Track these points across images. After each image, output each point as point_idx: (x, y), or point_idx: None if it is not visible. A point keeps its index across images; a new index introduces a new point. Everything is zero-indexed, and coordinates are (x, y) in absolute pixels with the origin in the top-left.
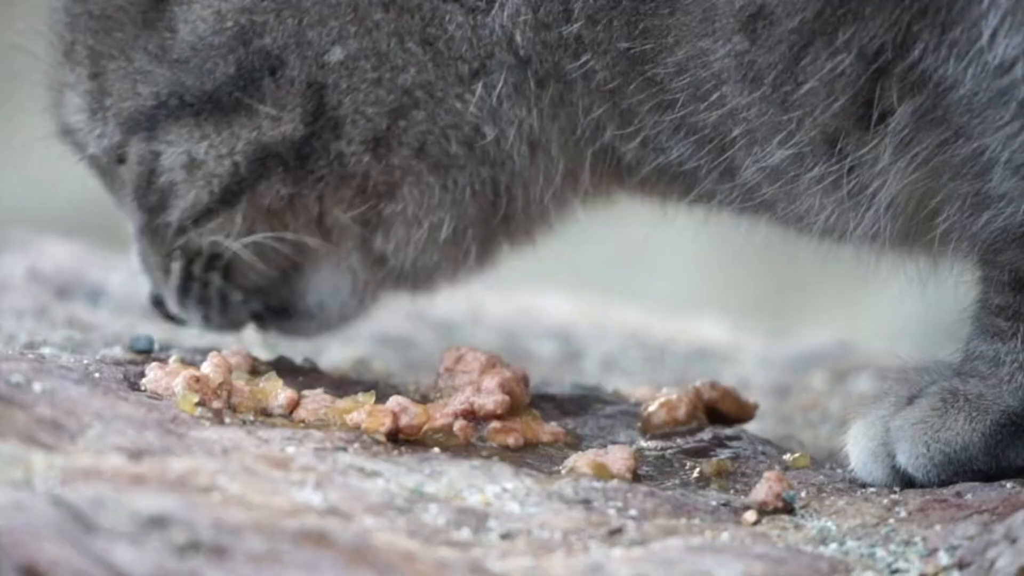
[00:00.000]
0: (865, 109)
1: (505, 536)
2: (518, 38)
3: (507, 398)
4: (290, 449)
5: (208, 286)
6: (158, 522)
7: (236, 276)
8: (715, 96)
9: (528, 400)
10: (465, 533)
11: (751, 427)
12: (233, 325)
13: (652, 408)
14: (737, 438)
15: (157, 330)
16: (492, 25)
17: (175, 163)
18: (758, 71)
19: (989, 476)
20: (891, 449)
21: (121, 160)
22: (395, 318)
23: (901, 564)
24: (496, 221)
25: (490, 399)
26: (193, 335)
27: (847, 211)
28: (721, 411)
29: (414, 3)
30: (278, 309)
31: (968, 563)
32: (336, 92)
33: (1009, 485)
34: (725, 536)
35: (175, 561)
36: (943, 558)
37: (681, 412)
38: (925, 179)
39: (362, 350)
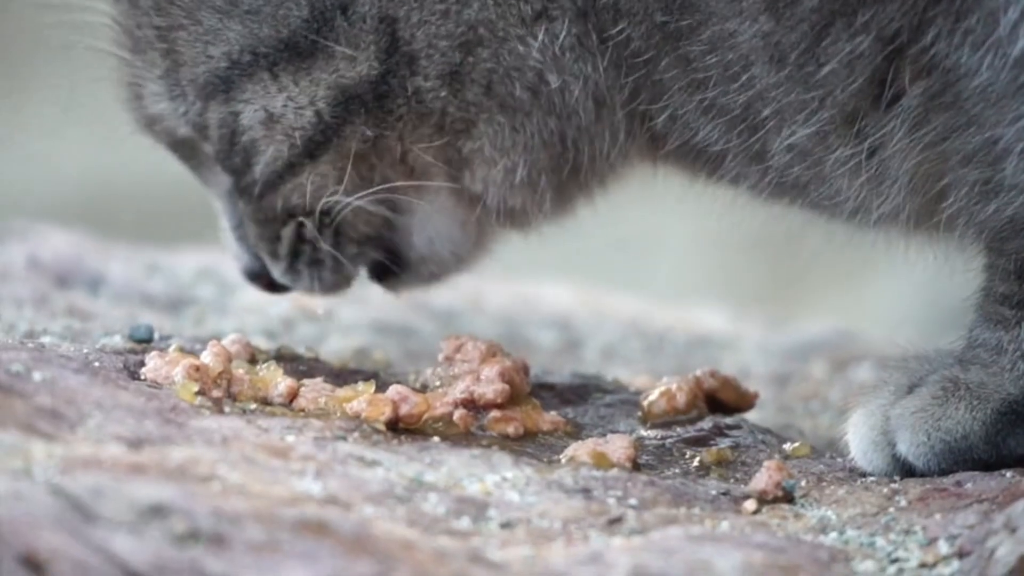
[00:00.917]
0: (880, 89)
1: (505, 525)
2: None
3: (507, 387)
4: (290, 438)
5: (319, 247)
6: (158, 511)
7: (346, 230)
8: (745, 77)
9: (528, 389)
10: (465, 522)
11: (751, 416)
12: (345, 282)
13: (652, 397)
14: (737, 427)
15: (156, 319)
16: None
17: (254, 120)
18: (783, 50)
19: (989, 465)
20: (891, 438)
21: (206, 127)
22: (395, 307)
23: (901, 553)
24: (567, 171)
25: (490, 388)
26: (191, 325)
27: (871, 191)
28: (721, 400)
29: None
30: (390, 259)
31: (968, 552)
32: (408, 25)
33: (1009, 474)
34: (725, 525)
35: (174, 550)
36: (943, 547)
37: (681, 401)
38: (935, 161)
39: (362, 339)
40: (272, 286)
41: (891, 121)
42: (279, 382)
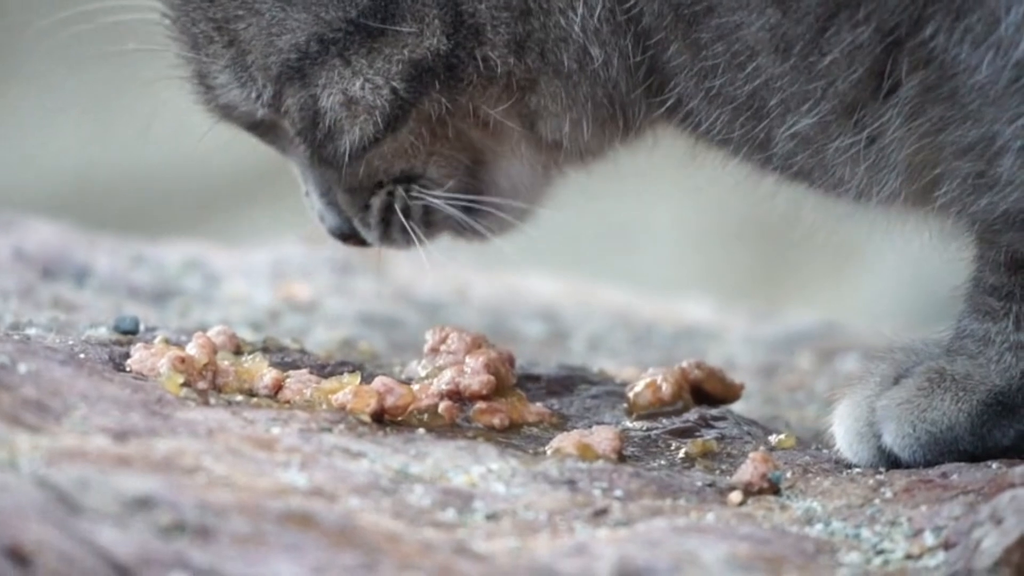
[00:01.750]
0: (879, 80)
1: (490, 517)
2: None
3: (492, 379)
4: (275, 430)
5: (410, 214)
6: (143, 503)
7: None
8: (751, 67)
9: (513, 380)
10: (450, 514)
11: (737, 407)
12: (432, 236)
13: (638, 388)
14: (723, 418)
15: (142, 311)
16: None
17: (334, 103)
18: (789, 42)
19: (975, 456)
20: (877, 429)
21: (284, 110)
22: (380, 298)
23: (886, 544)
24: (621, 126)
25: (475, 380)
26: (176, 316)
27: (871, 179)
28: (707, 391)
29: None
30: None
31: (954, 544)
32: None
33: (995, 465)
34: (710, 517)
35: (160, 542)
36: (928, 538)
37: (666, 392)
38: (930, 151)
39: (347, 331)
40: (362, 242)
41: (889, 111)
42: (264, 374)
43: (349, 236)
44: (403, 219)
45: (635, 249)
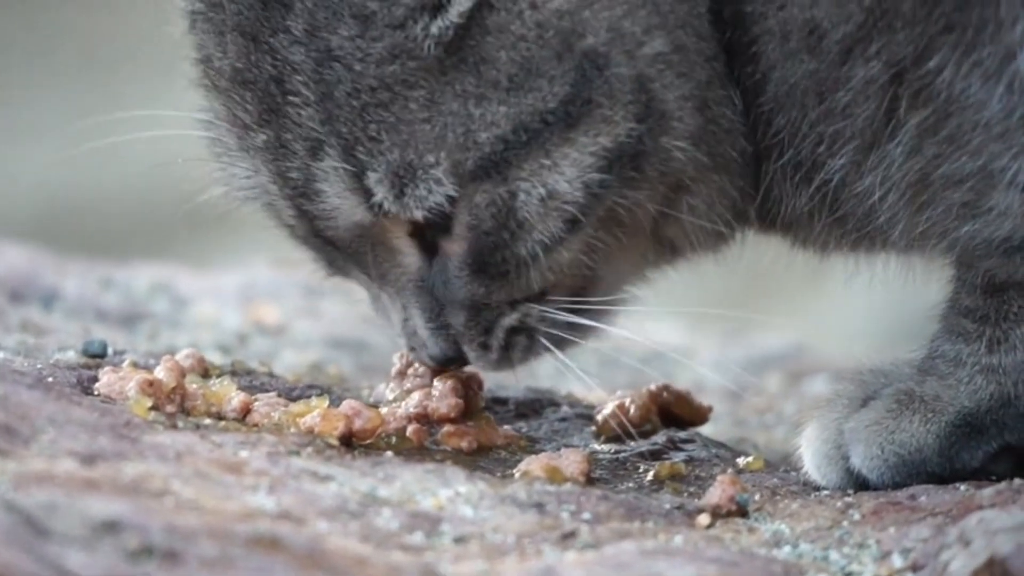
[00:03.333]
0: (886, 117)
1: (458, 540)
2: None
3: (460, 402)
4: (243, 453)
5: (534, 333)
6: (111, 527)
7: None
8: (806, 125)
9: (482, 404)
10: (418, 537)
11: (705, 430)
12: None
13: (606, 411)
14: (691, 441)
15: (110, 334)
16: None
17: (532, 198)
18: (823, 85)
19: (943, 478)
20: (845, 451)
21: (444, 215)
22: (349, 322)
23: (855, 567)
24: (740, 225)
25: (443, 403)
26: (145, 340)
27: (888, 219)
28: (675, 414)
29: None
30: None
31: (922, 566)
32: (661, 86)
33: (963, 487)
34: (678, 539)
35: (127, 566)
36: (897, 561)
37: (634, 415)
38: (922, 186)
39: (316, 354)
40: (462, 364)
41: (892, 150)
42: (232, 397)
43: (452, 360)
44: (546, 343)
45: None
